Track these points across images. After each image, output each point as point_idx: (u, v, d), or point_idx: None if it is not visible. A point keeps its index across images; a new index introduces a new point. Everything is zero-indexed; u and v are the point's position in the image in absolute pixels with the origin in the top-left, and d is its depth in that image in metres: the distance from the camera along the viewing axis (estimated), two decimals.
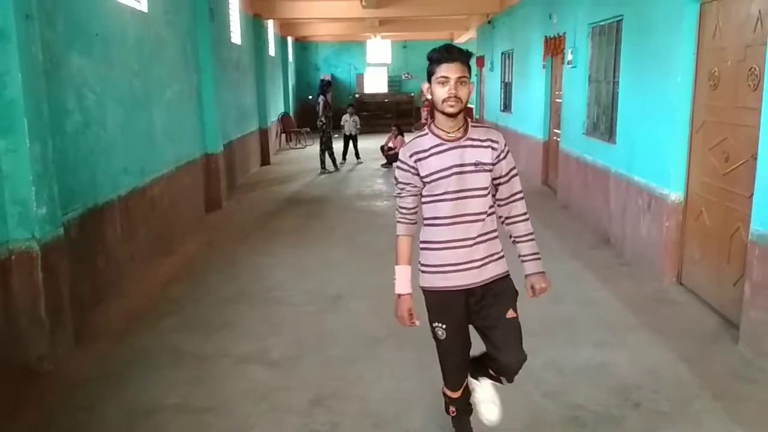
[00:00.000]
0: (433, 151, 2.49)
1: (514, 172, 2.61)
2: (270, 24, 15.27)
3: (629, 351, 4.00)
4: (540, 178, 10.12)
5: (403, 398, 3.46)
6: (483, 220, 2.52)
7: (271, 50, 15.80)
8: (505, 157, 2.57)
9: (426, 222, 2.59)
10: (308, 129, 17.27)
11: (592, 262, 5.91)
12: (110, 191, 5.14)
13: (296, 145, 17.14)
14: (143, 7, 6.26)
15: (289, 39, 19.32)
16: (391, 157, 12.54)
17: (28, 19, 3.63)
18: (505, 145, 2.58)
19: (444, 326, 2.61)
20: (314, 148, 14.75)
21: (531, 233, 2.65)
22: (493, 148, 2.52)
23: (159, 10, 6.72)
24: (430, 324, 2.64)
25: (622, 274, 5.58)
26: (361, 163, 13.54)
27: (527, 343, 2.62)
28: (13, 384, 3.60)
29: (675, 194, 5.05)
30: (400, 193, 2.59)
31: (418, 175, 2.50)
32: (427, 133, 2.54)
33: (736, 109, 4.26)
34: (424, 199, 2.57)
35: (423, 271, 2.61)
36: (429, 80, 2.46)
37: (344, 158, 13.52)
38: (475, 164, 2.48)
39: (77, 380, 3.74)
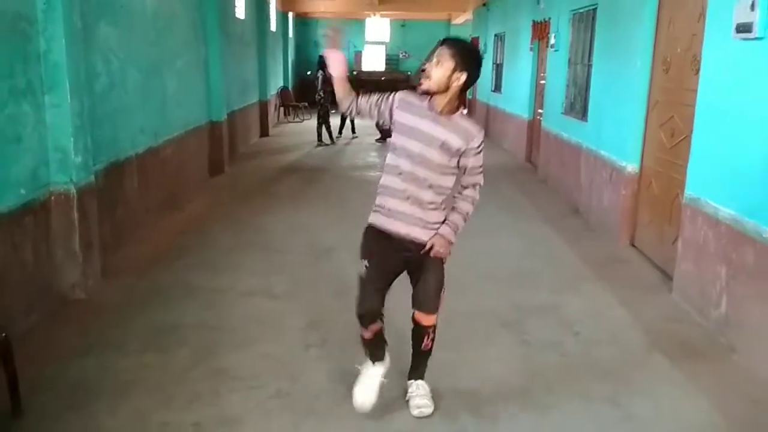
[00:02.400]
0: (414, 109, 2.80)
1: (479, 170, 2.85)
2: None
3: (579, 297, 4.67)
4: (524, 154, 10.75)
5: None
6: (434, 191, 2.79)
7: (273, 25, 16.24)
8: (474, 155, 2.79)
9: (386, 170, 2.87)
10: (306, 104, 17.77)
11: (561, 228, 6.58)
12: (129, 148, 5.74)
13: (294, 118, 17.65)
14: None
15: (290, 14, 19.69)
16: (385, 132, 13.11)
17: None
18: (480, 146, 2.79)
19: (366, 263, 2.88)
20: (311, 122, 15.27)
21: (466, 211, 2.88)
22: (467, 140, 2.75)
23: None
24: (359, 262, 2.94)
25: (585, 238, 6.26)
26: (357, 137, 14.12)
27: (495, 288, 3.09)
28: (52, 306, 4.24)
29: (631, 166, 5.70)
30: (378, 95, 2.90)
31: (390, 114, 2.85)
32: (428, 97, 2.78)
33: (682, 90, 4.89)
34: (391, 147, 2.86)
35: (373, 210, 2.94)
36: None
37: (340, 132, 14.09)
38: (442, 142, 2.73)
39: (106, 306, 4.38)
